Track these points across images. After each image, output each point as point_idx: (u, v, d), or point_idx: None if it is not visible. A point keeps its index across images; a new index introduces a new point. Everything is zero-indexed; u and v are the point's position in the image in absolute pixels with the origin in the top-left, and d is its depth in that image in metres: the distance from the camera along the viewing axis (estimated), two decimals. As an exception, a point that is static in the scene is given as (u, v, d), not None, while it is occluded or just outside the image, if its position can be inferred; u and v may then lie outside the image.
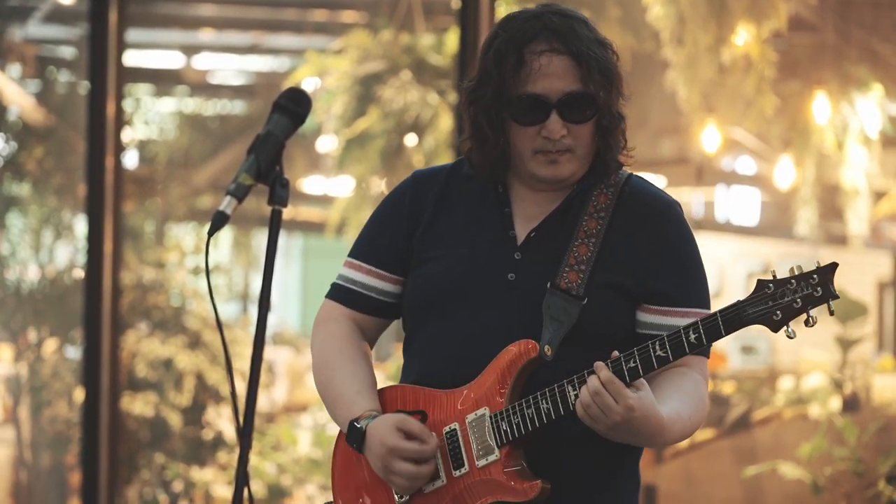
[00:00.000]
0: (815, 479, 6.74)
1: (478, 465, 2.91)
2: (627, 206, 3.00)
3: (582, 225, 2.98)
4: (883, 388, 7.79)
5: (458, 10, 6.69)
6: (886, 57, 7.91)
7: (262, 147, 2.66)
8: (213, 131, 10.89)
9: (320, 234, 10.56)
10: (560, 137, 2.94)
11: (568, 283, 2.93)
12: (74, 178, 8.63)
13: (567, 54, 2.93)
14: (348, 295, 3.13)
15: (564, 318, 2.91)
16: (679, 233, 3.00)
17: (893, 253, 10.14)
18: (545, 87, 2.93)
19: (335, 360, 3.11)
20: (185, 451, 8.61)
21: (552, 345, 2.89)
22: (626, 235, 2.97)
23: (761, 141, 8.85)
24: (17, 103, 8.88)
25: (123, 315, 8.08)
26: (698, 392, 2.93)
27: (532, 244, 2.99)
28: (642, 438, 2.82)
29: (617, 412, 2.75)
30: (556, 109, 2.93)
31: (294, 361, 11.62)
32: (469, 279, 2.99)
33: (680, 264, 2.98)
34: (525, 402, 2.87)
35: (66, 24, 9.50)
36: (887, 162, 8.32)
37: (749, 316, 2.76)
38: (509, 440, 2.88)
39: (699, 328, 2.78)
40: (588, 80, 2.93)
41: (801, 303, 2.72)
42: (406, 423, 2.93)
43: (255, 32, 10.79)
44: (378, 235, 3.12)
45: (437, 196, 3.08)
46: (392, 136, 8.86)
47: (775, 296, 2.74)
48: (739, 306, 2.77)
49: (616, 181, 3.02)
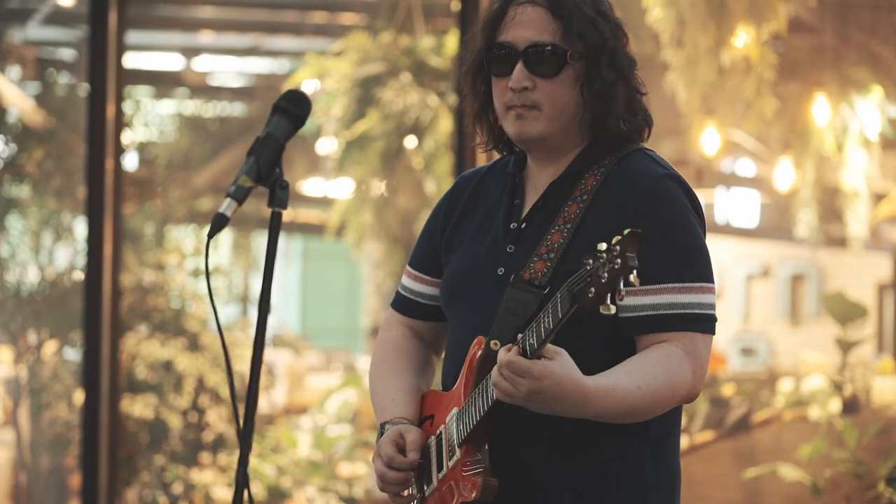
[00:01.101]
0: (815, 481, 6.74)
1: (449, 466, 2.91)
2: (610, 187, 2.86)
3: (563, 211, 2.88)
4: (883, 390, 7.78)
5: (458, 12, 6.70)
6: (886, 59, 7.91)
7: (261, 149, 2.66)
8: (213, 133, 10.89)
9: (320, 236, 10.55)
10: (522, 89, 2.86)
11: (532, 273, 2.84)
12: (74, 180, 8.63)
13: (544, 7, 2.87)
14: (402, 302, 3.18)
15: (521, 310, 2.80)
16: (656, 205, 2.82)
17: (893, 255, 10.13)
18: (515, 35, 2.88)
19: (381, 368, 3.14)
20: (185, 453, 8.61)
21: (502, 338, 2.80)
22: (602, 218, 2.84)
23: (761, 143, 8.84)
24: (16, 105, 8.88)
25: (123, 317, 8.08)
26: (666, 363, 2.76)
27: (523, 235, 2.92)
28: (566, 408, 2.68)
29: (523, 383, 2.64)
30: (523, 59, 2.86)
31: (294, 363, 11.61)
32: (470, 278, 2.98)
33: (653, 239, 2.76)
34: (469, 400, 2.85)
35: (66, 26, 9.50)
36: (887, 164, 8.32)
37: (575, 293, 2.56)
38: (464, 438, 2.85)
39: (548, 310, 2.62)
40: (563, 35, 2.85)
41: (608, 276, 2.51)
42: (407, 432, 2.98)
43: (254, 34, 10.79)
44: (423, 241, 3.15)
45: (468, 196, 3.07)
46: (392, 138, 8.87)
47: (592, 273, 2.54)
48: (568, 285, 2.58)
49: (611, 161, 2.90)
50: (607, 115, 2.88)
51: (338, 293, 16.88)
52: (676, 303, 2.80)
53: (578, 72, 2.87)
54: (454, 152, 7.10)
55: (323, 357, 12.98)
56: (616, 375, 2.73)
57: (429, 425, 3.00)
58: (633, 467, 2.87)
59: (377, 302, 10.63)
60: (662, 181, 2.85)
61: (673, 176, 2.88)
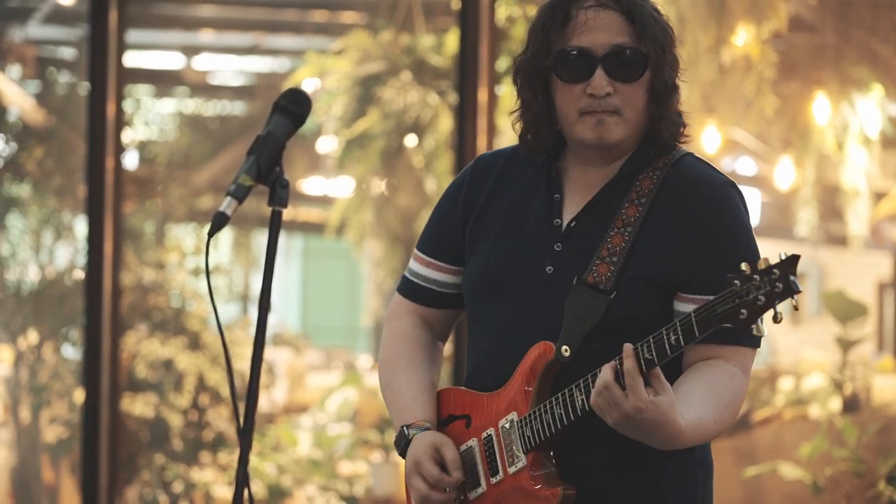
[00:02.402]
0: (815, 480, 6.74)
1: (509, 472, 2.83)
2: (670, 191, 2.82)
3: (621, 213, 2.81)
4: (883, 389, 7.78)
5: (458, 11, 6.70)
6: (886, 57, 7.91)
7: (262, 148, 2.66)
8: (214, 132, 10.88)
9: (320, 234, 10.55)
10: (605, 95, 2.78)
11: (596, 276, 2.78)
12: (74, 178, 8.63)
13: (616, 10, 2.80)
14: (412, 288, 3.06)
15: (588, 314, 2.76)
16: (718, 215, 2.80)
17: (894, 254, 10.14)
18: (591, 39, 2.78)
19: (395, 363, 3.03)
20: (186, 452, 8.61)
21: (571, 344, 2.77)
22: (664, 223, 2.79)
23: (761, 142, 8.84)
24: (17, 104, 8.88)
25: (123, 316, 8.08)
26: (731, 388, 2.77)
27: (573, 234, 2.85)
28: (655, 441, 2.69)
29: (623, 409, 2.63)
30: (602, 64, 2.78)
31: (294, 362, 11.62)
32: (510, 273, 2.88)
33: (713, 249, 2.78)
34: (543, 408, 2.77)
35: (67, 24, 9.50)
36: (887, 163, 8.32)
37: (718, 315, 2.57)
38: (533, 446, 2.79)
39: (677, 328, 2.61)
40: (639, 38, 2.79)
41: (765, 300, 2.52)
42: (443, 448, 2.89)
43: (255, 33, 10.79)
44: (437, 226, 3.03)
45: (492, 183, 2.96)
46: (392, 136, 8.87)
47: (741, 293, 2.54)
48: (710, 305, 2.58)
49: (665, 163, 2.85)
50: (662, 117, 2.84)
51: (338, 292, 16.88)
52: None
53: (649, 74, 2.83)
54: (454, 151, 7.10)
55: (323, 356, 12.98)
56: (697, 408, 2.72)
57: (463, 426, 2.92)
58: (683, 465, 2.89)
59: (378, 301, 10.63)
60: (726, 189, 2.84)
61: (732, 183, 2.87)
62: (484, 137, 6.57)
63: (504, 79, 7.87)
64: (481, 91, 6.58)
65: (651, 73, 2.81)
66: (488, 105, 6.60)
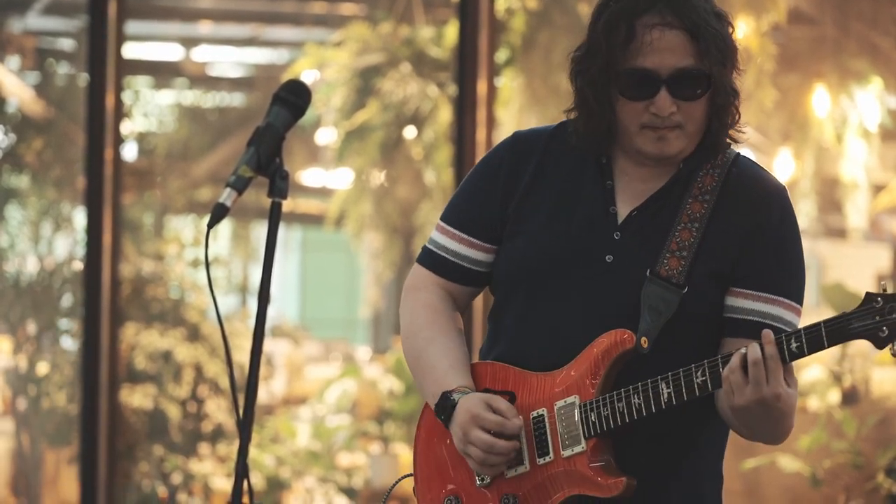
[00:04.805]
0: (814, 472, 6.73)
1: (563, 455, 2.80)
2: (733, 189, 2.85)
3: (686, 208, 2.84)
4: (882, 381, 7.78)
5: (458, 3, 6.69)
6: (886, 50, 7.91)
7: (261, 139, 2.65)
8: (213, 123, 10.88)
9: (319, 226, 10.55)
10: (669, 115, 2.80)
11: (668, 270, 2.80)
12: (73, 170, 8.62)
13: (681, 29, 2.79)
14: (439, 262, 3.00)
15: (663, 308, 2.78)
16: (782, 220, 2.86)
17: (892, 246, 10.14)
18: (655, 61, 2.79)
19: (428, 331, 2.97)
20: (184, 444, 8.61)
21: (650, 336, 2.77)
22: (730, 221, 2.83)
23: (760, 134, 8.84)
24: (16, 95, 8.88)
25: (122, 307, 8.08)
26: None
27: (633, 224, 2.86)
28: (770, 431, 2.78)
29: (761, 392, 2.66)
30: (666, 85, 2.79)
31: (293, 354, 11.62)
32: (564, 257, 2.87)
33: (776, 251, 2.84)
34: (616, 395, 2.76)
35: (66, 16, 9.49)
36: (886, 155, 8.32)
37: (854, 330, 2.68)
38: (597, 432, 2.77)
39: (801, 337, 2.68)
40: (702, 57, 2.79)
41: None
42: (495, 400, 2.83)
43: (254, 25, 10.78)
44: (472, 201, 2.98)
45: (536, 163, 2.94)
46: (391, 128, 8.87)
47: (883, 311, 2.65)
48: (845, 318, 2.66)
49: (724, 161, 2.88)
50: (721, 126, 2.87)
51: (337, 283, 16.86)
52: (782, 318, 2.84)
53: (710, 84, 2.84)
54: (453, 143, 7.10)
55: (322, 347, 12.98)
56: None
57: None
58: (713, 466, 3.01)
59: (377, 292, 10.63)
60: (785, 194, 2.90)
61: (784, 188, 2.93)
62: (483, 129, 6.57)
63: (503, 71, 7.88)
64: (480, 83, 6.58)
65: (712, 90, 2.83)
66: (487, 97, 6.60)
